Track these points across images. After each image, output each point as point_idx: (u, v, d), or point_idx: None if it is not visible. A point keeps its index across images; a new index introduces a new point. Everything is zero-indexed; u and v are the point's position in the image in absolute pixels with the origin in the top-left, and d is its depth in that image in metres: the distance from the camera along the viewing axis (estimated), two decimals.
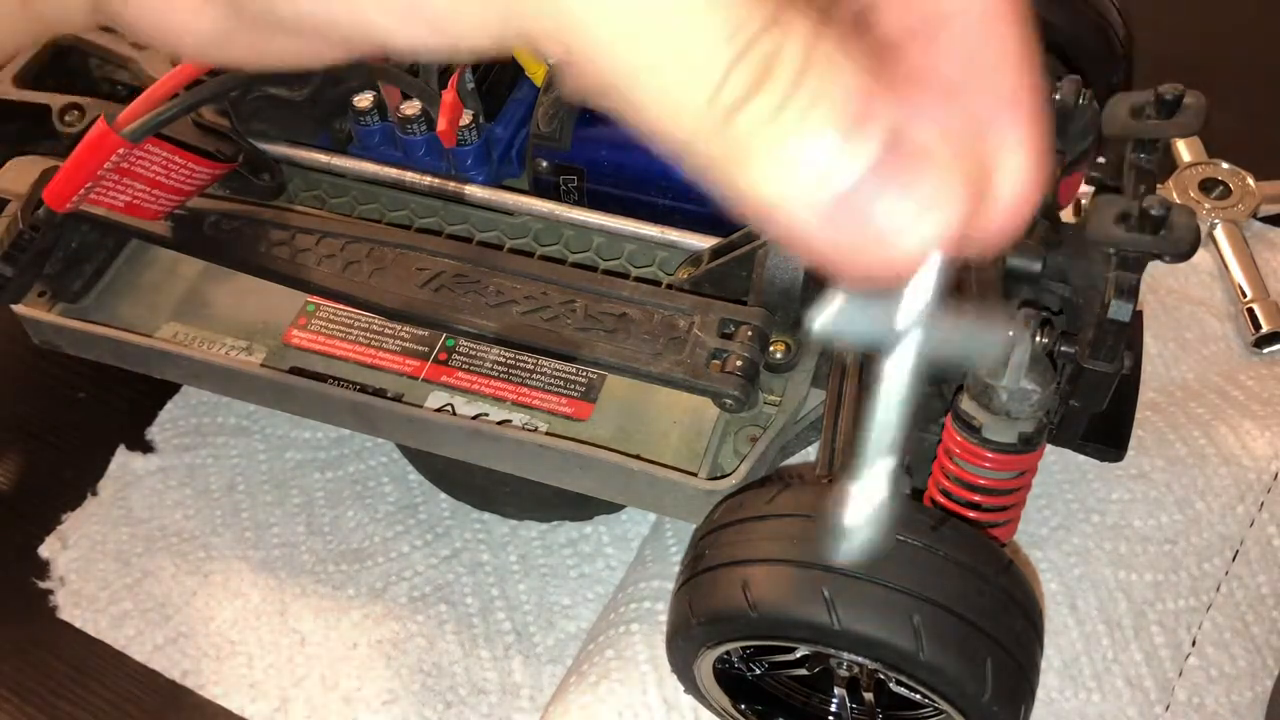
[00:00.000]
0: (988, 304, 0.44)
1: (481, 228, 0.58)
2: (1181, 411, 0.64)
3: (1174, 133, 0.49)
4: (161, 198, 0.54)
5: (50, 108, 0.60)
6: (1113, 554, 0.59)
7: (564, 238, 0.57)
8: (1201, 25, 0.85)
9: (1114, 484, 0.61)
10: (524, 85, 0.60)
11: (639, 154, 0.57)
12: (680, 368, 0.49)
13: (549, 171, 0.58)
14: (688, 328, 0.50)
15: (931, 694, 0.41)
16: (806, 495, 0.43)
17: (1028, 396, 0.43)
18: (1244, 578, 0.58)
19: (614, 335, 0.50)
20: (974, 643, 0.39)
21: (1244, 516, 0.60)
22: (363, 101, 0.57)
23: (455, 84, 0.55)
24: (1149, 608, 0.57)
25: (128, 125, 0.48)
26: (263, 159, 0.59)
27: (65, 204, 0.51)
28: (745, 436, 0.51)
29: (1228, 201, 0.72)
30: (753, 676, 0.49)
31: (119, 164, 0.50)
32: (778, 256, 0.50)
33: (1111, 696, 0.55)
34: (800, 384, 0.52)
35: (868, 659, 0.40)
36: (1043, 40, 0.20)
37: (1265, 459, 0.61)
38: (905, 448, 0.21)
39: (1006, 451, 0.44)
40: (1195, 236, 0.44)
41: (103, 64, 0.64)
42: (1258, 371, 0.66)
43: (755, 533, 0.42)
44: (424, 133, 0.57)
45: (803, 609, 0.40)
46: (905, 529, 0.41)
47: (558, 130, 0.57)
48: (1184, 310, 0.69)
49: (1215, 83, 0.53)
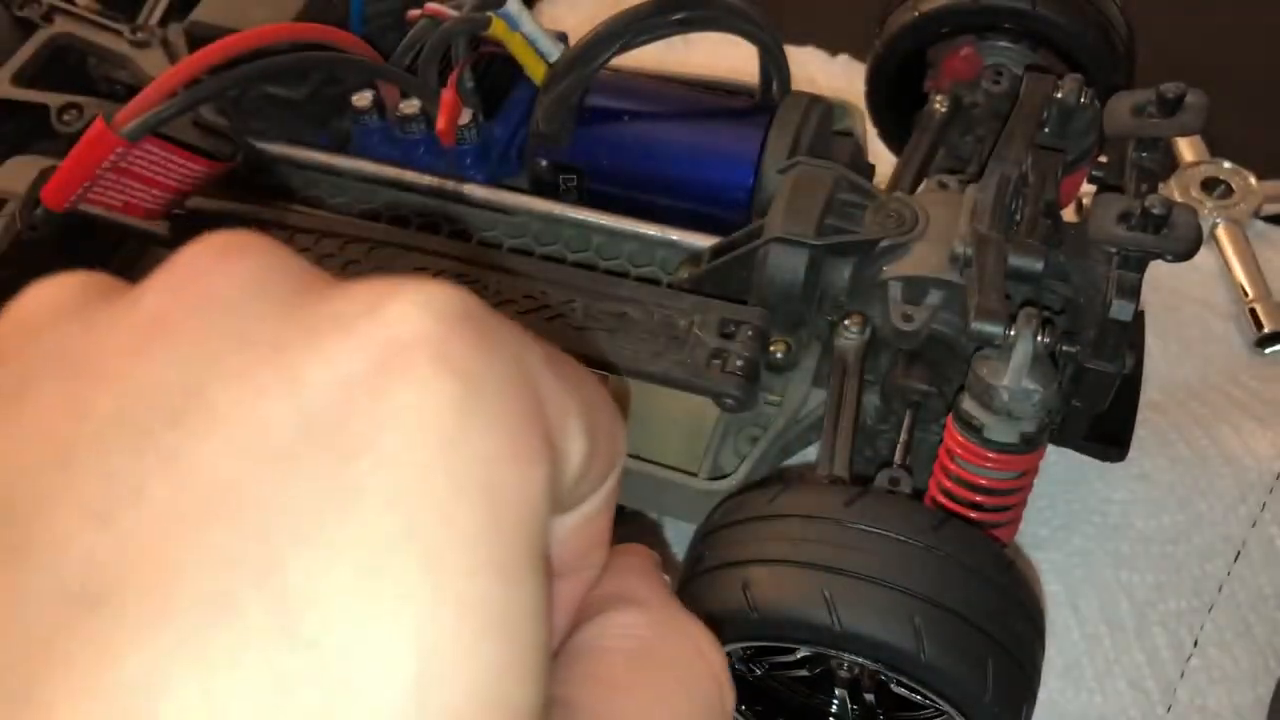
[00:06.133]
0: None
1: (481, 227, 0.58)
2: (1183, 411, 0.63)
3: (1176, 131, 0.49)
4: (160, 197, 0.54)
5: (48, 107, 0.60)
6: (1114, 554, 0.59)
7: (563, 237, 0.57)
8: (1203, 24, 0.85)
9: (1116, 484, 0.61)
10: (523, 84, 0.60)
11: (638, 153, 0.57)
12: (680, 367, 0.49)
13: (548, 170, 0.58)
14: (688, 327, 0.50)
15: (932, 695, 0.41)
16: (807, 495, 0.43)
17: (1029, 396, 0.42)
18: (1246, 578, 0.58)
19: (614, 335, 0.50)
20: (975, 644, 0.39)
21: (1246, 517, 0.60)
22: (361, 100, 0.57)
23: (454, 83, 0.55)
24: (1151, 608, 0.57)
25: (126, 124, 0.48)
26: (261, 158, 0.59)
27: (63, 203, 0.50)
28: (746, 436, 0.51)
29: (1230, 201, 0.72)
30: (753, 677, 0.49)
31: (117, 163, 0.49)
32: (779, 256, 0.49)
33: (1113, 697, 0.55)
34: (801, 384, 0.51)
35: (869, 660, 0.40)
36: (1044, 39, 0.20)
37: (1267, 459, 0.61)
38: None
39: (1008, 451, 0.44)
40: (1197, 236, 0.44)
41: (101, 63, 0.64)
42: (1260, 371, 0.65)
43: (756, 533, 0.42)
44: (423, 132, 0.57)
45: (804, 610, 0.40)
46: (906, 529, 0.40)
47: (557, 129, 0.56)
48: (1186, 310, 0.68)
49: (1217, 81, 0.53)
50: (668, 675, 0.19)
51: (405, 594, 0.14)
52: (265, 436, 0.14)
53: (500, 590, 0.14)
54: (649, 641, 0.20)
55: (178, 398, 0.14)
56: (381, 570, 0.14)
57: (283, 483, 0.14)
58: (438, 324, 0.15)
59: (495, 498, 0.15)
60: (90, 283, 0.16)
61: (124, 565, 0.13)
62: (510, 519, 0.15)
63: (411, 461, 0.14)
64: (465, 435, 0.14)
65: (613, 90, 0.59)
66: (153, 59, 0.62)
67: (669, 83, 0.61)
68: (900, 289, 0.49)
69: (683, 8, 0.55)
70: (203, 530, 0.14)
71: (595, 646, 0.19)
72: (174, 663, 0.13)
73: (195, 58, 0.49)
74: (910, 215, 0.50)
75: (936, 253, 0.48)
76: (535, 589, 0.15)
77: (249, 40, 0.51)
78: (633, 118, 0.58)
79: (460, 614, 0.14)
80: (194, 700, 0.13)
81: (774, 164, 0.54)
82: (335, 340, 0.15)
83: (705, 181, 0.56)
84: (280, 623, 0.13)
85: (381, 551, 0.14)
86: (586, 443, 0.17)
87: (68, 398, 0.15)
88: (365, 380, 0.14)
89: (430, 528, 0.14)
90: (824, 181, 0.51)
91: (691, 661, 0.20)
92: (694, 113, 0.59)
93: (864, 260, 0.50)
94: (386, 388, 0.14)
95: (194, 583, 0.13)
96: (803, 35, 0.83)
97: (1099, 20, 0.59)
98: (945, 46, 0.61)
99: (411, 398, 0.14)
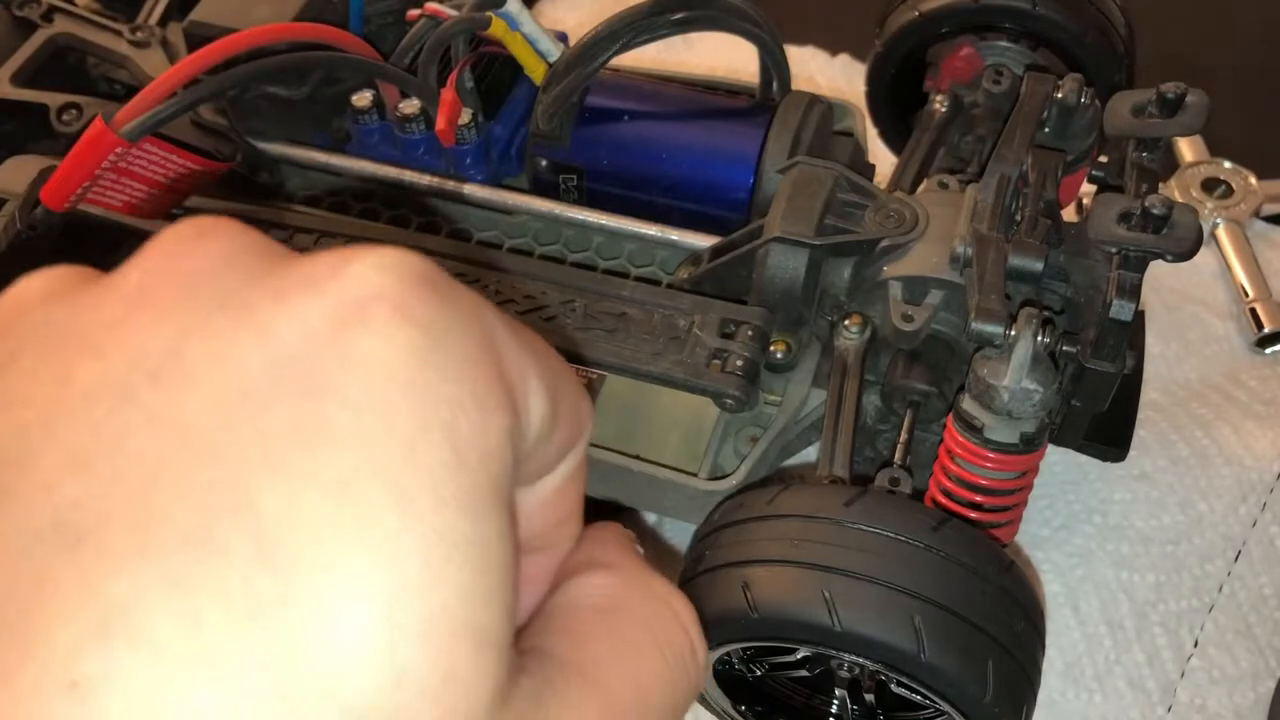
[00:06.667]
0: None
1: (480, 227, 0.58)
2: (1184, 412, 0.63)
3: (1176, 131, 0.49)
4: (159, 197, 0.54)
5: (48, 107, 0.60)
6: (1115, 555, 0.59)
7: (563, 237, 0.57)
8: (1204, 23, 0.85)
9: (1116, 484, 0.61)
10: (523, 84, 0.60)
11: (638, 153, 0.57)
12: (680, 367, 0.49)
13: (548, 170, 0.57)
14: (688, 327, 0.50)
15: (933, 695, 0.40)
16: (807, 495, 0.43)
17: (1029, 396, 0.42)
18: (1246, 578, 0.58)
19: (614, 335, 0.50)
20: (975, 644, 0.39)
21: (1246, 517, 0.60)
22: (361, 100, 0.57)
23: (454, 82, 0.55)
24: (1151, 609, 0.57)
25: (125, 124, 0.48)
26: (261, 158, 0.59)
27: (63, 203, 0.50)
28: (746, 437, 0.51)
29: (1230, 201, 0.72)
30: (753, 678, 0.49)
31: (117, 163, 0.49)
32: (779, 256, 0.49)
33: (1114, 698, 0.55)
34: (801, 384, 0.51)
35: (869, 660, 0.40)
36: (1044, 39, 0.20)
37: (1268, 459, 0.61)
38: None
39: (1008, 452, 0.44)
40: (1197, 236, 0.43)
41: (100, 63, 0.64)
42: (1260, 371, 0.65)
43: (756, 533, 0.42)
44: (423, 131, 0.57)
45: (804, 610, 0.40)
46: (906, 529, 0.40)
47: (557, 129, 0.56)
48: (1186, 310, 0.68)
49: (1217, 81, 0.53)
50: (638, 626, 0.20)
51: (373, 522, 0.14)
52: (238, 383, 0.15)
53: (464, 522, 0.15)
54: (620, 597, 0.21)
55: (156, 359, 0.15)
56: (350, 500, 0.14)
57: (255, 423, 0.15)
58: (398, 281, 0.16)
59: (457, 437, 0.15)
60: (78, 273, 0.18)
61: (106, 505, 0.14)
62: (472, 458, 0.15)
63: (376, 401, 0.15)
64: (426, 378, 0.15)
65: (613, 90, 0.59)
66: (152, 59, 0.62)
67: (669, 83, 0.61)
68: (900, 289, 0.49)
69: (683, 8, 0.55)
70: (181, 471, 0.14)
71: (568, 604, 0.20)
72: (155, 588, 0.14)
73: (194, 58, 0.49)
74: (910, 215, 0.50)
75: (936, 253, 0.48)
76: (499, 524, 0.16)
77: (248, 40, 0.51)
78: (633, 118, 0.58)
79: (426, 541, 0.15)
80: (175, 620, 0.14)
81: (774, 164, 0.54)
82: (302, 298, 0.16)
83: (705, 181, 0.56)
84: (256, 550, 0.14)
85: (350, 483, 0.15)
86: (547, 403, 0.18)
87: (53, 365, 0.16)
88: (330, 331, 0.15)
89: (395, 462, 0.15)
90: (824, 181, 0.51)
91: (662, 615, 0.21)
92: (694, 113, 0.59)
93: (864, 260, 0.50)
94: (351, 336, 0.15)
95: (172, 517, 0.14)
96: (803, 35, 0.83)
97: (1099, 20, 0.59)
98: (945, 46, 0.61)
99: (374, 344, 0.15)
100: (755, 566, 0.41)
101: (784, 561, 0.41)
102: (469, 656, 0.15)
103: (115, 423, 0.15)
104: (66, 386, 0.15)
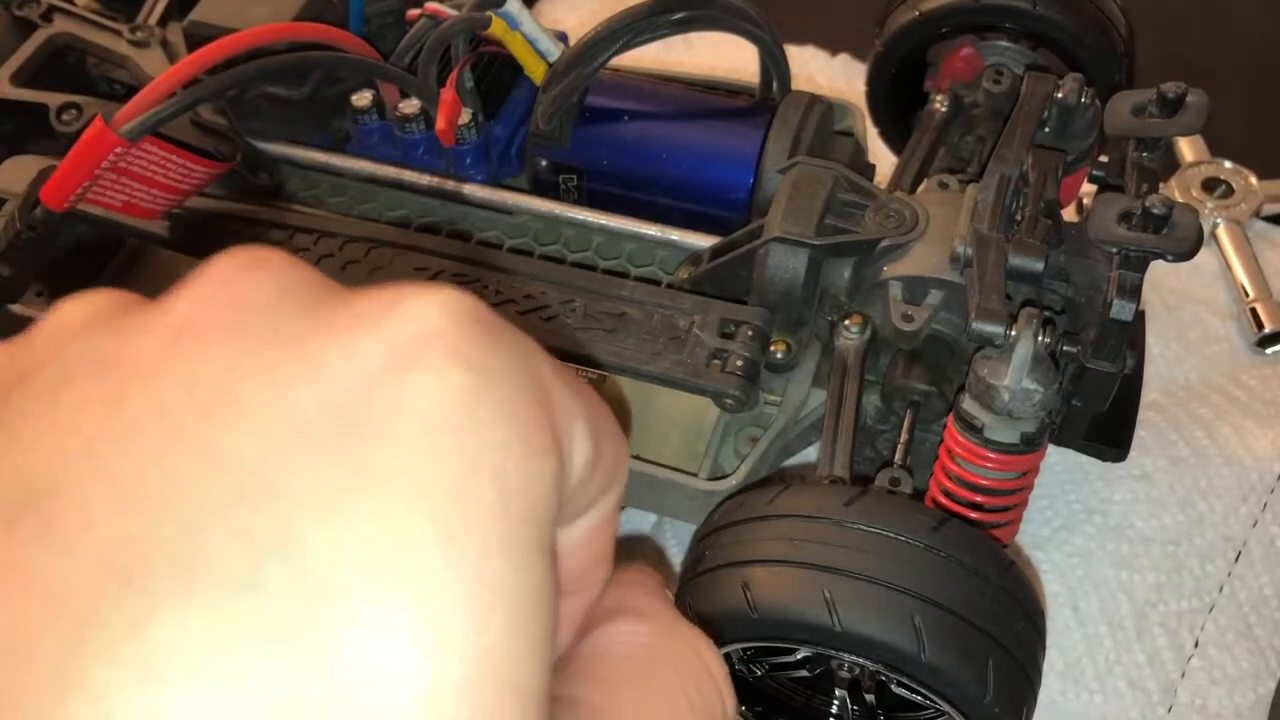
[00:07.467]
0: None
1: (480, 227, 0.58)
2: (1184, 412, 0.63)
3: (1176, 131, 0.49)
4: (159, 197, 0.54)
5: (48, 107, 0.60)
6: (1115, 555, 0.59)
7: (563, 237, 0.57)
8: (1204, 23, 0.85)
9: (1116, 484, 0.61)
10: (523, 84, 0.60)
11: (638, 153, 0.57)
12: (680, 367, 0.49)
13: (548, 170, 0.57)
14: (688, 327, 0.50)
15: (933, 695, 0.40)
16: (807, 495, 0.43)
17: (1030, 396, 0.42)
18: (1247, 578, 0.58)
19: (614, 335, 0.50)
20: (975, 644, 0.39)
21: (1247, 517, 0.60)
22: (361, 100, 0.57)
23: (454, 82, 0.55)
24: (1151, 609, 0.57)
25: (125, 124, 0.48)
26: (260, 158, 0.59)
27: (62, 203, 0.50)
28: (746, 437, 0.51)
29: (1230, 200, 0.72)
30: (753, 678, 0.49)
31: (116, 163, 0.49)
32: (779, 256, 0.49)
33: (1114, 698, 0.55)
34: (801, 384, 0.51)
35: (869, 660, 0.40)
36: (1045, 38, 0.20)
37: (1268, 459, 0.61)
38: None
39: (1008, 452, 0.44)
40: (1198, 236, 0.43)
41: (100, 63, 0.64)
42: (1260, 371, 0.65)
43: (756, 533, 0.42)
44: (423, 131, 0.57)
45: (804, 610, 0.40)
46: (906, 529, 0.40)
47: (557, 129, 0.56)
48: (1186, 310, 0.68)
49: (1218, 81, 0.53)
50: (668, 675, 0.20)
51: (419, 567, 0.14)
52: (290, 421, 0.15)
53: (509, 571, 0.15)
54: (650, 645, 0.20)
55: (207, 392, 0.15)
56: (397, 545, 0.14)
57: (305, 462, 0.15)
58: (452, 321, 0.16)
59: (505, 483, 0.15)
60: (122, 298, 0.17)
61: (153, 542, 0.14)
62: (519, 504, 0.15)
63: (427, 445, 0.15)
64: (477, 423, 0.15)
65: (613, 90, 0.59)
66: (152, 59, 0.62)
67: (669, 83, 0.61)
68: (900, 289, 0.49)
69: (683, 8, 0.55)
70: (228, 508, 0.14)
71: (598, 651, 0.20)
72: (201, 628, 0.14)
73: (194, 58, 0.49)
74: (910, 215, 0.50)
75: (937, 253, 0.48)
76: (542, 574, 0.16)
77: (248, 40, 0.51)
78: (633, 118, 0.58)
79: (471, 589, 0.15)
80: (219, 661, 0.13)
81: (774, 164, 0.54)
82: (356, 335, 0.16)
83: (705, 181, 0.56)
84: (301, 592, 0.14)
85: (397, 527, 0.14)
86: (590, 447, 0.18)
87: (100, 393, 0.15)
88: (384, 370, 0.15)
89: (443, 507, 0.15)
90: (824, 181, 0.51)
91: (691, 664, 0.20)
92: (694, 113, 0.59)
93: (864, 260, 0.50)
94: (404, 377, 0.15)
95: (219, 556, 0.14)
96: (803, 35, 0.83)
97: (1099, 20, 0.59)
98: (945, 46, 0.61)
99: (427, 386, 0.15)
100: (755, 566, 0.41)
101: (784, 561, 0.41)
102: (509, 710, 0.15)
103: (163, 455, 0.15)
104: (113, 415, 0.15)
